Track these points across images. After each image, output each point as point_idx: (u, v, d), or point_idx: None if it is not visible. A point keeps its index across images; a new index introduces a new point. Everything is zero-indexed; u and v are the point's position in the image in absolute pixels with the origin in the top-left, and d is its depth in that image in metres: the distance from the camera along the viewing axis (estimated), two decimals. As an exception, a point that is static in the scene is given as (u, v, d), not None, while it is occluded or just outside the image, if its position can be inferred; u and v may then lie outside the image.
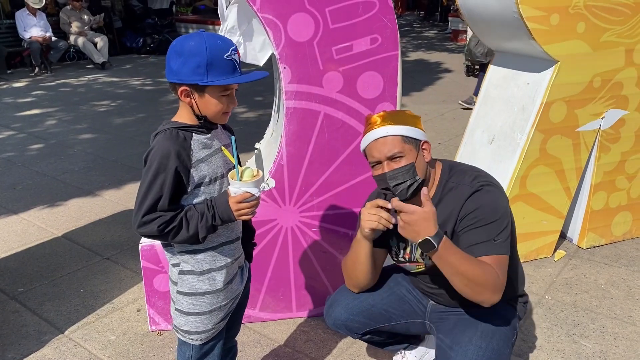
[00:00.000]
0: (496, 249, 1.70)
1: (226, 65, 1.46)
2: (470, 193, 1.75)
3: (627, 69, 3.02)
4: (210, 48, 1.43)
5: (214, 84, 1.45)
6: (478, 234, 1.72)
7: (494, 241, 1.71)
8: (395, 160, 1.72)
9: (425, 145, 1.79)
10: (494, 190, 1.77)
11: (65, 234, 3.60)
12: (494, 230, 1.71)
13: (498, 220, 1.72)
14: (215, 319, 1.67)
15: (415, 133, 1.76)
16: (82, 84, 8.75)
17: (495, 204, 1.74)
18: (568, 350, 2.43)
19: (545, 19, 2.73)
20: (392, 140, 1.72)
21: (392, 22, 2.32)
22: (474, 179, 1.79)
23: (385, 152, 1.72)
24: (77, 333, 2.59)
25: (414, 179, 1.73)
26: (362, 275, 1.94)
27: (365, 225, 1.75)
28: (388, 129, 1.73)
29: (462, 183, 1.79)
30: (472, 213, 1.73)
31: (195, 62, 1.43)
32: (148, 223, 1.48)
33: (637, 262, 3.18)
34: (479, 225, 1.72)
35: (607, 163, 3.19)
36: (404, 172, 1.72)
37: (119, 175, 4.71)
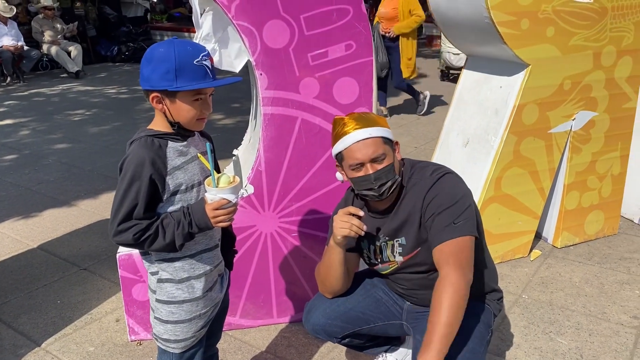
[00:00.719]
0: (457, 231, 1.73)
1: (196, 70, 1.46)
2: (430, 185, 1.81)
3: (596, 71, 3.10)
4: (179, 54, 1.43)
5: (182, 89, 1.46)
6: (440, 220, 1.76)
7: (454, 224, 1.74)
8: (379, 161, 1.76)
9: (396, 145, 1.86)
10: (452, 177, 1.83)
11: (41, 245, 3.55)
12: (454, 213, 1.75)
13: (456, 203, 1.76)
14: (195, 327, 1.67)
15: (389, 134, 1.81)
16: (56, 93, 8.63)
17: (452, 189, 1.80)
18: (545, 348, 2.48)
19: (515, 24, 2.79)
20: (375, 142, 1.76)
21: (365, 28, 2.35)
22: (432, 172, 1.85)
23: (369, 153, 1.75)
24: (54, 345, 2.55)
25: (395, 179, 1.79)
26: (335, 282, 1.97)
27: (337, 232, 1.79)
28: (370, 130, 1.76)
29: (423, 178, 1.85)
30: (433, 201, 1.78)
31: (164, 68, 1.43)
32: (124, 232, 1.47)
33: (609, 259, 3.26)
34: (439, 211, 1.77)
35: (578, 163, 3.27)
36: (387, 172, 1.77)
37: (95, 184, 4.66)
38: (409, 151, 5.10)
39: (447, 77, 8.98)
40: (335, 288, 2.01)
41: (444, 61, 8.79)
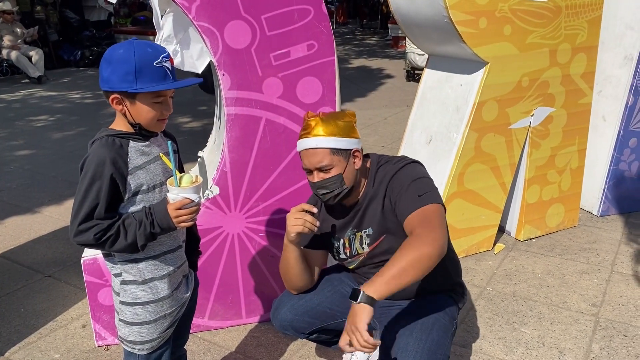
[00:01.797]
0: (422, 201, 1.75)
1: (156, 72, 1.46)
2: (393, 173, 1.86)
3: (552, 68, 3.20)
4: (138, 55, 1.43)
5: (142, 90, 1.45)
6: (406, 196, 1.79)
7: (419, 196, 1.77)
8: (325, 171, 1.80)
9: (356, 153, 1.85)
10: (414, 164, 1.88)
11: (3, 254, 3.47)
12: (418, 188, 1.79)
13: (419, 179, 1.81)
14: (161, 328, 1.66)
15: (344, 143, 1.80)
16: (17, 99, 8.43)
17: (413, 171, 1.85)
18: (509, 338, 2.54)
19: (474, 23, 2.86)
20: (321, 152, 1.78)
21: (327, 28, 2.37)
22: (397, 162, 1.90)
23: (314, 162, 1.80)
24: (18, 354, 2.50)
25: (342, 188, 1.83)
26: (295, 278, 2.01)
27: (291, 229, 1.82)
28: (318, 140, 1.78)
29: (388, 169, 1.90)
30: (396, 183, 1.83)
31: (124, 70, 1.43)
32: (84, 232, 1.46)
33: (570, 251, 3.36)
34: (404, 189, 1.81)
35: (538, 158, 3.36)
36: (332, 183, 1.81)
37: (59, 191, 4.58)
38: (377, 150, 5.15)
39: (412, 78, 9.10)
40: (297, 285, 2.04)
41: (409, 62, 8.91)
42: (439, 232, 1.65)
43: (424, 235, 1.63)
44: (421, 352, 1.79)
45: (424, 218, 1.71)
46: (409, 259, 1.58)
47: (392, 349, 1.83)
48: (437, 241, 1.62)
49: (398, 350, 1.80)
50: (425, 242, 1.61)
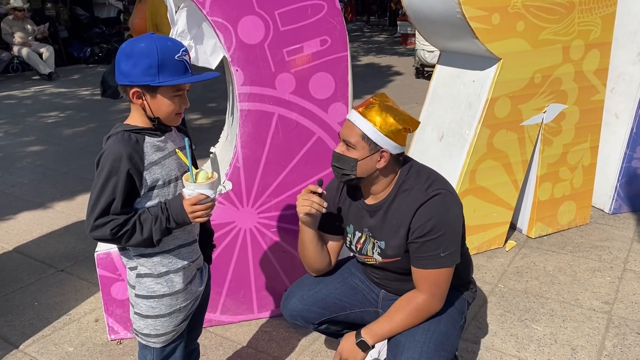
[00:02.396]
0: (442, 262, 1.78)
1: (177, 65, 1.47)
2: (422, 202, 1.77)
3: (565, 65, 3.18)
4: (161, 49, 1.44)
5: (166, 84, 1.46)
6: (426, 247, 1.77)
7: (441, 256, 1.77)
8: (348, 147, 1.80)
9: (384, 153, 1.78)
10: (445, 199, 1.79)
11: (17, 248, 3.50)
12: (442, 243, 1.76)
13: (446, 232, 1.76)
14: (175, 321, 1.67)
15: (378, 138, 1.76)
16: (28, 95, 8.49)
17: (444, 215, 1.77)
18: (521, 335, 2.53)
19: (486, 19, 2.85)
20: (354, 129, 1.78)
21: (340, 23, 2.37)
22: (428, 187, 1.80)
23: (345, 134, 1.81)
24: (32, 347, 2.52)
25: (351, 173, 1.81)
26: (311, 259, 2.03)
27: (299, 210, 1.86)
28: (358, 118, 1.78)
29: (416, 187, 1.81)
30: (422, 226, 1.76)
31: (147, 63, 1.43)
32: (101, 227, 1.47)
33: (582, 248, 3.34)
34: (428, 238, 1.76)
35: (550, 155, 3.34)
36: (345, 162, 1.80)
37: (70, 186, 4.61)
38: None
39: (422, 75, 9.08)
40: (314, 265, 2.06)
41: (419, 59, 8.89)
42: (439, 300, 1.84)
43: (425, 303, 1.82)
44: (428, 342, 1.80)
45: (434, 282, 1.81)
46: (406, 321, 1.83)
47: (399, 339, 1.84)
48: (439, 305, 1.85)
49: (406, 341, 1.82)
50: (424, 309, 1.83)
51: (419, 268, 1.81)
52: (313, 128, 2.47)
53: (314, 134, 2.48)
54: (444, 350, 1.81)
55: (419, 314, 1.83)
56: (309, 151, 2.49)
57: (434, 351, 1.78)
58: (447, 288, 1.83)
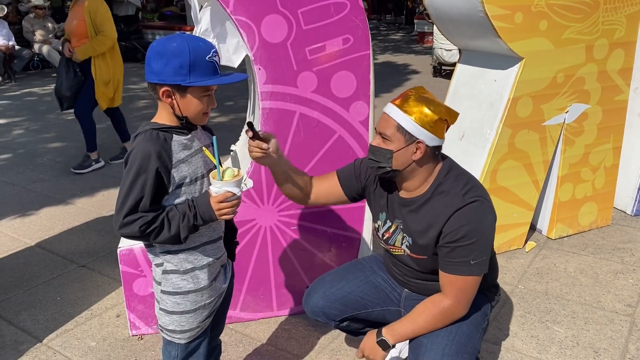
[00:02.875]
0: (471, 270, 1.76)
1: (208, 66, 1.48)
2: (458, 207, 1.75)
3: (588, 64, 3.14)
4: (193, 49, 1.45)
5: (197, 84, 1.47)
6: (457, 252, 1.75)
7: (470, 263, 1.75)
8: (384, 139, 1.80)
9: (419, 145, 1.76)
10: (481, 207, 1.76)
11: (39, 243, 3.55)
12: (473, 250, 1.74)
13: (479, 241, 1.74)
14: (200, 317, 1.69)
15: (413, 128, 1.74)
16: (49, 92, 8.58)
17: (479, 223, 1.75)
18: (542, 336, 2.52)
19: (509, 18, 2.82)
20: (390, 121, 1.77)
21: (363, 22, 2.37)
22: (465, 193, 1.77)
23: (380, 126, 1.81)
24: (56, 341, 2.56)
25: (387, 166, 1.80)
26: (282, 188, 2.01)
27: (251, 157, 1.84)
28: (394, 110, 1.77)
29: (453, 191, 1.79)
30: (455, 230, 1.74)
31: (178, 63, 1.45)
32: (130, 224, 1.49)
33: (603, 250, 3.30)
34: (460, 244, 1.74)
35: (572, 155, 3.31)
36: (381, 154, 1.80)
37: (91, 183, 4.66)
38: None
39: (439, 74, 9.04)
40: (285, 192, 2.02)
41: (437, 57, 8.84)
42: (464, 306, 1.83)
43: (450, 308, 1.81)
44: (450, 344, 1.79)
45: (461, 288, 1.80)
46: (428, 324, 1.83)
47: (422, 339, 1.83)
48: (464, 311, 1.83)
49: (428, 342, 1.81)
50: (448, 314, 1.82)
51: (447, 273, 1.79)
52: (334, 127, 2.48)
53: (335, 132, 2.48)
54: (466, 353, 1.80)
55: (443, 318, 1.82)
56: (329, 150, 2.50)
57: (455, 353, 1.77)
58: (473, 295, 1.82)
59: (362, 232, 2.66)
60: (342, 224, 2.62)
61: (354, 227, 2.64)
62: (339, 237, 2.64)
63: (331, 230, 2.61)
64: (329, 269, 2.57)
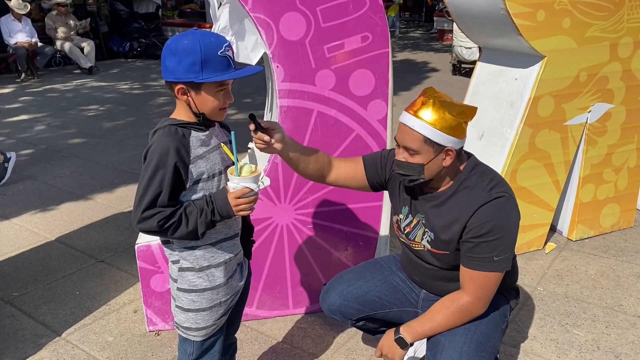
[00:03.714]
0: (493, 266, 1.74)
1: (220, 61, 1.48)
2: (484, 202, 1.73)
3: (612, 63, 3.08)
4: (204, 45, 1.45)
5: (209, 80, 1.47)
6: (481, 248, 1.73)
7: (494, 259, 1.73)
8: (410, 153, 1.75)
9: (449, 151, 1.74)
10: (507, 203, 1.74)
11: (59, 238, 3.60)
12: (497, 246, 1.72)
13: (503, 237, 1.72)
14: (216, 315, 1.69)
15: (440, 138, 1.71)
16: (70, 89, 8.70)
17: (504, 219, 1.73)
18: (561, 340, 2.47)
19: (531, 15, 2.78)
20: (415, 135, 1.72)
21: (382, 20, 2.35)
22: (491, 188, 1.76)
23: (405, 141, 1.76)
24: (74, 335, 2.59)
25: (419, 177, 1.78)
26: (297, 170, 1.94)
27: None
28: (417, 122, 1.71)
29: (479, 187, 1.77)
30: (480, 226, 1.72)
31: (190, 60, 1.45)
32: (148, 219, 1.49)
33: (625, 252, 3.24)
34: (484, 239, 1.72)
35: (594, 156, 3.25)
36: (411, 169, 1.77)
37: (110, 179, 4.71)
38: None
39: (459, 72, 8.95)
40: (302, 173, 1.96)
41: (456, 55, 8.76)
42: (484, 303, 1.81)
43: (470, 305, 1.80)
44: (469, 343, 1.77)
45: (482, 285, 1.78)
46: (447, 322, 1.81)
47: (439, 338, 1.81)
48: (483, 309, 1.82)
49: (445, 340, 1.80)
50: (467, 311, 1.80)
51: (469, 268, 1.77)
52: (352, 125, 2.46)
53: (352, 131, 2.47)
54: (484, 352, 1.78)
55: (462, 316, 1.80)
56: (347, 148, 2.48)
57: (474, 352, 1.75)
58: (493, 293, 1.80)
59: (379, 232, 2.64)
60: (359, 223, 2.61)
61: (371, 226, 2.62)
62: (356, 236, 2.62)
63: (348, 229, 2.60)
64: (345, 268, 2.56)
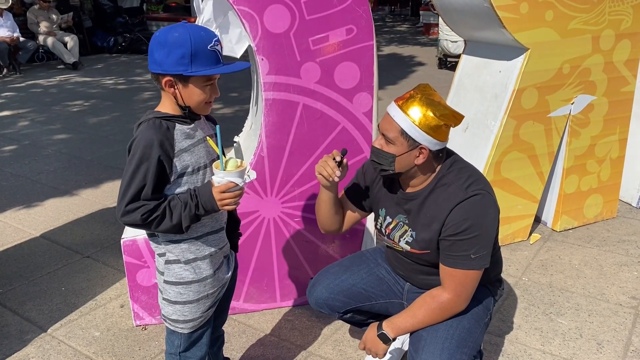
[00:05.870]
0: (471, 264, 1.75)
1: (210, 55, 1.48)
2: (460, 200, 1.73)
3: (594, 55, 3.11)
4: (194, 39, 1.44)
5: (198, 74, 1.47)
6: (458, 246, 1.74)
7: (471, 257, 1.74)
8: (386, 141, 1.77)
9: (422, 150, 1.74)
10: (483, 200, 1.74)
11: (44, 234, 3.57)
12: (474, 244, 1.73)
13: (480, 235, 1.72)
14: (203, 307, 1.69)
15: (417, 134, 1.71)
16: (54, 84, 8.60)
17: (481, 217, 1.73)
18: (545, 328, 2.51)
19: (515, 8, 2.80)
20: (393, 124, 1.74)
21: (366, 12, 2.35)
22: (468, 186, 1.76)
23: (384, 127, 1.78)
24: (60, 331, 2.57)
25: (389, 168, 1.79)
26: (323, 219, 2.05)
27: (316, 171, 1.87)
28: (398, 113, 1.73)
29: (456, 184, 1.77)
30: (457, 224, 1.73)
31: (180, 53, 1.44)
32: (131, 212, 1.49)
33: (608, 242, 3.29)
34: (460, 237, 1.73)
35: (577, 147, 3.29)
36: (383, 157, 1.78)
37: (95, 174, 4.67)
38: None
39: (444, 65, 8.99)
40: (324, 226, 2.08)
41: (442, 49, 8.79)
42: (464, 301, 1.82)
43: (449, 302, 1.81)
44: (450, 338, 1.79)
45: (461, 282, 1.78)
46: (427, 318, 1.82)
47: (421, 333, 1.83)
48: (463, 305, 1.83)
49: (427, 336, 1.81)
50: (447, 308, 1.81)
51: (447, 266, 1.78)
52: (338, 118, 2.47)
53: (338, 123, 2.48)
54: (466, 347, 1.79)
55: (442, 313, 1.81)
56: (333, 141, 2.49)
57: (456, 347, 1.77)
58: (473, 289, 1.81)
59: (365, 224, 2.65)
60: (346, 216, 2.62)
61: (357, 218, 2.63)
62: (342, 229, 2.63)
63: (334, 221, 2.61)
64: (332, 261, 2.58)
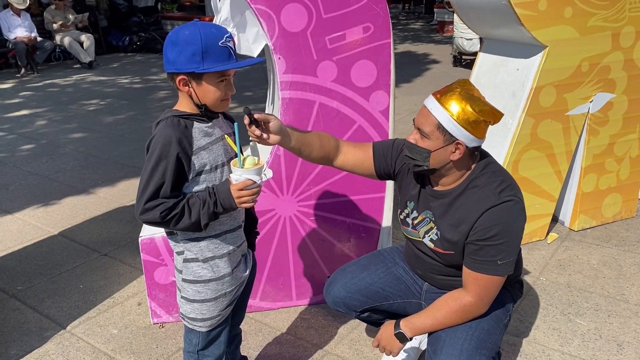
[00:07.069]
0: (496, 270, 1.72)
1: (221, 52, 1.48)
2: (492, 205, 1.70)
3: (614, 52, 3.07)
4: (204, 36, 1.45)
5: (210, 70, 1.47)
6: (485, 251, 1.72)
7: (497, 263, 1.71)
8: (422, 136, 1.73)
9: (458, 146, 1.69)
10: (515, 207, 1.71)
11: (62, 232, 3.60)
12: (502, 250, 1.70)
13: (508, 241, 1.70)
14: (221, 306, 1.70)
15: (454, 129, 1.66)
16: (70, 83, 8.69)
17: (511, 224, 1.71)
18: (564, 329, 2.48)
19: (533, 5, 2.77)
20: (430, 118, 1.70)
21: (383, 10, 2.34)
22: (501, 191, 1.72)
23: (419, 121, 1.74)
24: (79, 328, 2.60)
25: (423, 164, 1.75)
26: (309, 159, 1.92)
27: None
28: (436, 106, 1.69)
29: (488, 188, 1.73)
30: (487, 229, 1.70)
31: (191, 51, 1.45)
32: (150, 210, 1.50)
33: (627, 242, 3.25)
34: (489, 243, 1.70)
35: (596, 146, 3.25)
36: (418, 152, 1.75)
37: (112, 172, 4.71)
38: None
39: (459, 63, 8.93)
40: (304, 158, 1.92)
41: (457, 47, 8.74)
42: (485, 304, 1.81)
43: (471, 305, 1.79)
44: (470, 340, 1.77)
45: (485, 287, 1.77)
46: (447, 319, 1.81)
47: (440, 334, 1.82)
48: (484, 309, 1.82)
49: (446, 337, 1.80)
50: (469, 311, 1.80)
51: (472, 270, 1.76)
52: (354, 116, 2.46)
53: (354, 122, 2.47)
54: (485, 349, 1.77)
55: (463, 315, 1.80)
56: (349, 139, 2.48)
57: (475, 349, 1.75)
58: (495, 294, 1.79)
59: (381, 223, 2.64)
60: (362, 215, 2.61)
61: (373, 217, 2.63)
62: (359, 228, 2.63)
63: (350, 220, 2.61)
64: (348, 260, 2.57)
